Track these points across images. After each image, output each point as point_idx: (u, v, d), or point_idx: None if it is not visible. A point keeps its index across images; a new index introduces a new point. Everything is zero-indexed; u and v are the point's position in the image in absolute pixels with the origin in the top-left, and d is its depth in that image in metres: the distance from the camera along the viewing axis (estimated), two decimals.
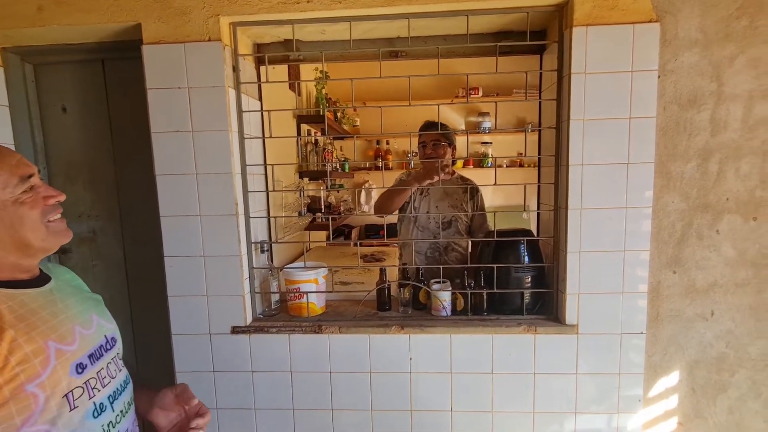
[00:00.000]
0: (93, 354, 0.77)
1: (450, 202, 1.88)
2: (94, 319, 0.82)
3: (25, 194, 0.71)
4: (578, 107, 1.32)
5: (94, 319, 0.82)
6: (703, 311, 1.39)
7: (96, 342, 0.79)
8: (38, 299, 0.73)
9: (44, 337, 0.69)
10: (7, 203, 0.69)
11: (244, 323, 1.48)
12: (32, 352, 0.66)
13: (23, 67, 1.61)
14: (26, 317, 0.69)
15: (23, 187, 0.70)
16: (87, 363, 0.75)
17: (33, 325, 0.69)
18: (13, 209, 0.69)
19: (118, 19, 1.37)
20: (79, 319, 0.78)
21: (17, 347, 0.65)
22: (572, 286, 1.39)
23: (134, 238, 1.72)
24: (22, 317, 0.68)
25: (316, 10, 1.35)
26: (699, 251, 1.37)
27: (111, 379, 0.80)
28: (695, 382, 1.43)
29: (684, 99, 1.32)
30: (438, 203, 1.88)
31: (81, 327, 0.77)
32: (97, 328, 0.81)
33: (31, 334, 0.68)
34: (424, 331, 1.44)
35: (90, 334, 0.79)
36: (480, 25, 1.49)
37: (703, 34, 1.30)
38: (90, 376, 0.75)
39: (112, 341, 0.85)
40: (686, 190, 1.36)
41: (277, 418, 1.51)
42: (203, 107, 1.39)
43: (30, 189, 0.71)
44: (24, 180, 0.71)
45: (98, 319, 0.83)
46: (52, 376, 0.68)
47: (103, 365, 0.79)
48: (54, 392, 0.68)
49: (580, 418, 1.44)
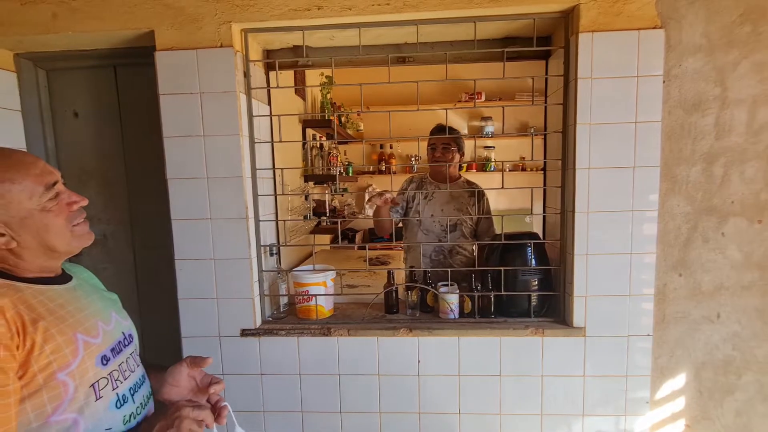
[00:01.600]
0: (114, 348, 0.80)
1: (456, 206, 1.89)
2: (113, 315, 0.85)
3: (50, 202, 0.72)
4: (585, 111, 1.34)
5: (113, 316, 0.85)
6: (710, 314, 1.40)
7: (116, 337, 0.82)
8: (64, 295, 0.76)
9: (73, 329, 0.72)
10: (34, 212, 0.71)
11: (253, 326, 1.49)
12: (63, 342, 0.69)
13: (36, 72, 1.64)
14: (55, 311, 0.72)
15: (48, 195, 0.72)
16: (110, 356, 0.78)
17: (62, 318, 0.72)
18: (40, 217, 0.71)
19: (132, 26, 1.40)
20: (101, 315, 0.81)
21: (50, 337, 0.68)
22: (579, 289, 1.40)
23: (144, 242, 1.73)
24: (52, 311, 0.71)
25: (326, 17, 1.37)
26: (705, 254, 1.38)
27: (131, 372, 0.82)
28: (702, 385, 1.44)
29: (689, 103, 1.34)
30: (444, 207, 1.90)
31: (102, 322, 0.80)
32: (115, 324, 0.84)
33: (61, 326, 0.71)
34: (432, 334, 1.45)
35: (110, 329, 0.81)
36: (487, 32, 1.52)
37: (707, 39, 1.32)
38: (113, 369, 0.77)
39: (129, 337, 0.87)
40: (692, 194, 1.37)
41: (285, 421, 1.52)
42: (214, 112, 1.41)
43: (55, 196, 0.74)
44: (49, 188, 0.72)
45: (116, 316, 0.86)
46: (81, 366, 0.70)
47: (123, 359, 0.81)
48: (82, 381, 0.70)
49: (588, 420, 1.45)
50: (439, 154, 1.82)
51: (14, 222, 0.69)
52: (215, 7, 1.38)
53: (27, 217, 0.70)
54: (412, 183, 1.98)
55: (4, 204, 0.68)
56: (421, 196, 1.93)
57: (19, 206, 0.69)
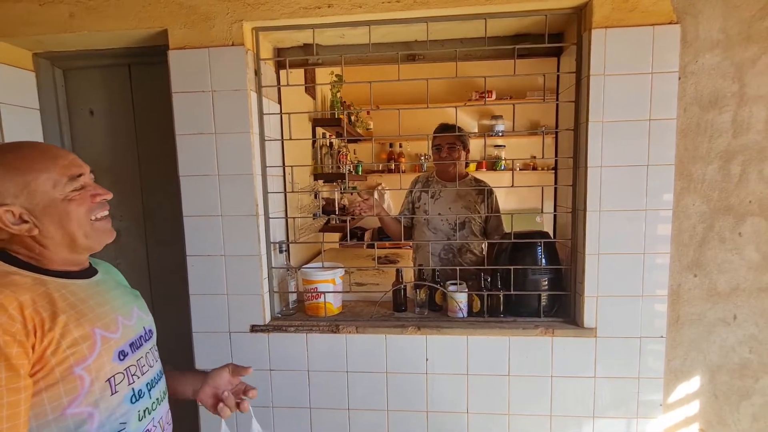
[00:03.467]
0: (133, 343, 0.81)
1: (463, 204, 1.89)
2: (135, 311, 0.86)
3: (73, 192, 0.75)
4: (597, 109, 1.32)
5: (135, 311, 0.86)
6: (725, 315, 1.37)
7: (136, 333, 0.83)
8: (87, 289, 0.78)
9: (91, 324, 0.73)
10: (57, 200, 0.73)
11: (263, 322, 1.50)
12: (81, 337, 0.71)
13: (53, 71, 1.68)
14: (76, 305, 0.73)
15: (72, 186, 0.74)
16: (128, 351, 0.79)
17: (82, 312, 0.73)
18: (62, 206, 0.73)
19: (146, 25, 1.42)
20: (122, 311, 0.82)
21: (68, 332, 0.69)
22: (590, 289, 1.38)
23: (157, 239, 1.76)
24: (72, 305, 0.73)
25: (336, 15, 1.38)
26: (721, 254, 1.35)
27: (149, 368, 0.84)
28: (717, 388, 1.40)
29: (705, 100, 1.31)
30: (451, 205, 1.89)
31: (123, 317, 0.81)
32: (137, 319, 0.86)
33: (80, 320, 0.72)
34: (440, 332, 1.44)
35: (131, 324, 0.83)
36: (497, 29, 1.51)
37: (724, 35, 1.29)
38: (130, 364, 0.79)
39: (150, 333, 0.89)
40: (708, 193, 1.34)
41: (294, 417, 1.53)
42: (226, 110, 1.43)
43: (80, 187, 0.76)
44: (73, 179, 0.75)
45: (138, 311, 0.88)
46: (98, 361, 0.72)
47: (141, 354, 0.83)
48: (98, 376, 0.72)
49: (598, 422, 1.43)
50: (446, 154, 1.82)
51: (38, 210, 0.71)
52: (227, 6, 1.39)
53: (50, 205, 0.72)
54: (417, 183, 1.98)
55: (30, 192, 0.71)
56: (427, 196, 1.92)
57: (44, 195, 0.71)
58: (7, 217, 0.70)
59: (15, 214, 0.70)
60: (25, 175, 0.70)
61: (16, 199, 0.70)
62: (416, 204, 1.96)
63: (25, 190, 0.70)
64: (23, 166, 0.71)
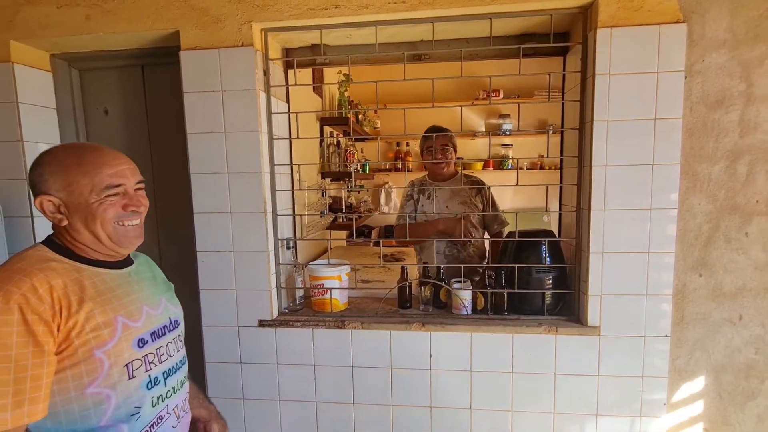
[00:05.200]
0: (155, 332, 0.86)
1: (459, 200, 1.94)
2: (163, 302, 0.92)
3: (108, 197, 0.80)
4: (602, 108, 1.33)
5: (163, 302, 0.91)
6: (731, 315, 1.37)
7: (160, 322, 0.88)
8: (117, 279, 0.84)
9: (115, 311, 0.79)
10: (87, 203, 0.80)
11: (270, 317, 1.53)
12: (103, 322, 0.76)
13: (70, 72, 1.73)
14: (104, 293, 0.80)
15: (107, 193, 0.80)
16: (148, 339, 0.83)
17: (108, 300, 0.79)
18: (91, 208, 0.80)
19: (159, 26, 1.46)
20: (149, 301, 0.88)
21: (92, 317, 0.75)
22: (594, 288, 1.39)
23: (169, 236, 1.80)
24: (100, 292, 0.79)
25: (343, 16, 1.40)
26: (727, 254, 1.35)
27: (169, 357, 0.88)
28: (722, 388, 1.40)
29: (711, 100, 1.31)
30: (447, 203, 1.95)
31: (149, 307, 0.86)
32: (163, 310, 0.90)
33: (105, 307, 0.78)
34: (445, 329, 1.46)
35: (156, 314, 0.88)
36: (503, 28, 1.52)
37: (731, 34, 1.28)
38: (149, 352, 0.83)
39: (175, 323, 0.93)
40: (714, 192, 1.34)
41: (300, 410, 1.56)
42: (235, 109, 1.46)
43: (115, 194, 0.81)
44: (110, 188, 0.81)
45: (166, 302, 0.93)
46: (117, 346, 0.77)
47: (163, 343, 0.87)
48: (117, 360, 0.77)
49: (602, 420, 1.44)
50: (441, 156, 1.88)
51: (72, 206, 0.79)
52: (237, 7, 1.42)
53: (81, 204, 0.79)
54: (414, 186, 2.02)
55: (70, 191, 0.79)
56: (424, 198, 1.98)
57: (79, 196, 0.79)
58: (47, 206, 0.79)
59: (54, 204, 0.79)
60: (70, 176, 0.79)
61: (58, 193, 0.79)
62: (416, 206, 2.01)
63: (67, 188, 0.79)
64: (72, 167, 0.79)
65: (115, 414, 0.76)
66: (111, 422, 0.76)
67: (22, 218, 1.56)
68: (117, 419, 0.77)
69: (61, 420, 0.73)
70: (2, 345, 0.66)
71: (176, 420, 0.89)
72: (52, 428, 0.73)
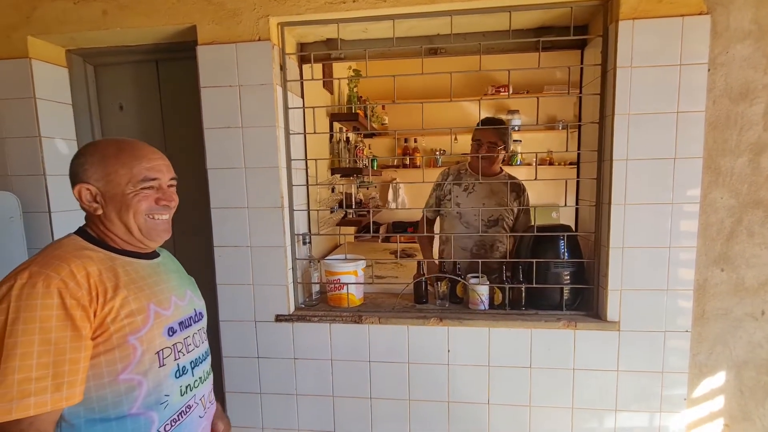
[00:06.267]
0: (183, 322, 0.87)
1: (497, 201, 1.84)
2: (188, 293, 0.93)
3: (143, 190, 0.83)
4: (623, 102, 1.31)
5: (188, 294, 0.93)
6: (753, 311, 1.36)
7: (187, 313, 0.89)
8: (147, 269, 0.86)
9: (147, 299, 0.80)
10: (123, 194, 0.82)
11: (287, 312, 1.54)
12: (137, 309, 0.78)
13: (85, 68, 1.73)
14: (137, 281, 0.81)
15: (142, 185, 0.83)
16: (177, 329, 0.85)
17: (140, 288, 0.81)
18: (127, 198, 0.82)
19: (175, 21, 1.46)
20: (176, 291, 0.89)
21: (126, 303, 0.77)
22: (614, 283, 1.38)
23: (183, 230, 1.79)
24: (133, 280, 0.81)
25: (361, 9, 1.39)
26: (749, 249, 1.34)
27: (195, 347, 0.89)
28: (743, 384, 1.39)
29: (735, 92, 1.29)
30: (485, 201, 1.84)
31: (177, 298, 0.88)
32: (189, 301, 0.92)
33: (138, 295, 0.79)
34: (462, 324, 1.46)
35: (183, 305, 0.89)
36: (520, 22, 1.50)
37: (757, 25, 1.26)
38: (177, 341, 0.84)
39: (200, 315, 0.95)
40: (736, 186, 1.32)
41: (317, 404, 1.56)
42: (252, 104, 1.46)
43: (149, 188, 0.84)
44: (146, 180, 0.83)
45: (191, 294, 0.94)
46: (149, 333, 0.78)
47: (189, 334, 0.88)
48: (149, 347, 0.78)
49: (621, 415, 1.43)
50: (485, 151, 1.76)
51: (108, 195, 0.81)
52: (254, 1, 1.42)
53: (117, 194, 0.81)
54: (449, 176, 1.92)
55: (108, 181, 0.81)
56: (459, 189, 1.87)
57: (116, 187, 0.81)
58: (85, 194, 0.81)
59: (92, 193, 0.81)
60: (110, 167, 0.81)
61: (97, 183, 0.81)
62: (447, 196, 1.89)
63: (105, 178, 0.81)
64: (112, 158, 0.81)
65: (146, 401, 0.77)
66: (141, 409, 0.77)
67: (40, 213, 1.57)
68: (147, 406, 0.78)
69: (93, 406, 0.74)
70: (43, 328, 0.67)
71: (203, 410, 0.90)
72: (84, 415, 0.74)
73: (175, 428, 0.82)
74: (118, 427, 0.75)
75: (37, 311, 0.67)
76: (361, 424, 1.55)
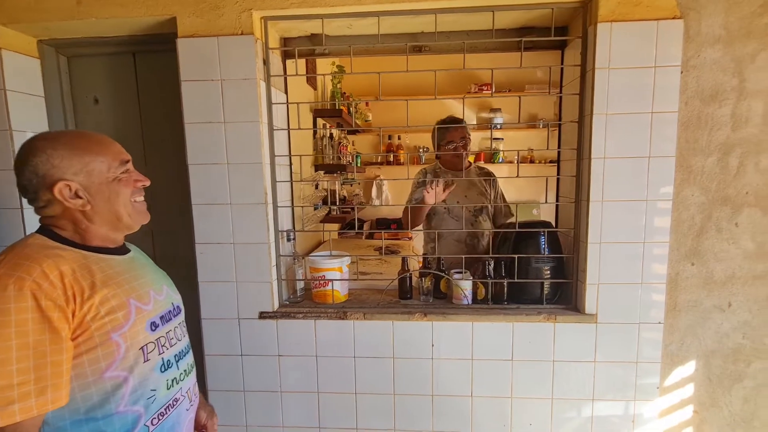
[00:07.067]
0: (164, 316, 0.86)
1: (477, 191, 1.96)
2: (165, 288, 0.92)
3: (122, 174, 0.82)
4: (601, 101, 1.36)
5: (165, 288, 0.92)
6: (721, 303, 1.43)
7: (166, 307, 0.88)
8: (122, 264, 0.84)
9: (127, 295, 0.79)
10: (109, 180, 0.80)
11: (271, 309, 1.52)
12: (117, 306, 0.76)
13: (58, 58, 1.66)
14: (113, 277, 0.79)
15: (122, 169, 0.82)
16: (159, 323, 0.84)
17: (118, 284, 0.79)
18: (113, 186, 0.81)
19: (154, 12, 1.42)
20: (154, 286, 0.88)
21: (106, 300, 0.75)
22: (592, 277, 1.43)
23: (162, 227, 1.76)
24: (110, 276, 0.79)
25: (346, 5, 1.39)
26: (718, 244, 1.40)
27: (178, 341, 0.88)
28: (711, 372, 1.46)
29: (706, 94, 1.35)
30: (467, 193, 1.95)
31: (154, 292, 0.87)
32: (166, 295, 0.91)
33: (117, 291, 0.77)
34: (446, 319, 1.48)
35: (161, 299, 0.88)
36: (503, 22, 1.52)
37: (725, 30, 1.32)
38: (160, 335, 0.83)
39: (178, 309, 0.94)
40: (706, 184, 1.39)
41: (302, 401, 1.56)
42: (235, 99, 1.43)
43: (126, 171, 0.83)
44: (123, 163, 0.84)
45: (167, 288, 0.93)
46: (132, 329, 0.77)
47: (171, 327, 0.87)
48: (132, 343, 0.77)
49: (598, 404, 1.48)
50: (461, 148, 1.86)
51: (93, 187, 0.79)
52: None
53: (103, 183, 0.80)
54: (427, 175, 2.00)
55: (88, 171, 0.79)
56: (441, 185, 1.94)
57: (99, 175, 0.80)
58: (65, 192, 0.77)
59: (72, 189, 0.77)
60: (85, 156, 0.79)
61: (76, 177, 0.78)
62: None
63: (85, 169, 0.78)
64: (83, 148, 0.79)
65: (132, 397, 0.76)
66: (128, 406, 0.76)
67: (12, 210, 1.51)
68: (134, 402, 0.77)
69: (79, 407, 0.73)
70: (19, 332, 0.65)
71: (189, 403, 0.90)
72: (69, 417, 0.72)
73: (163, 421, 0.81)
74: (105, 425, 0.74)
75: (11, 315, 0.65)
76: (347, 419, 1.56)
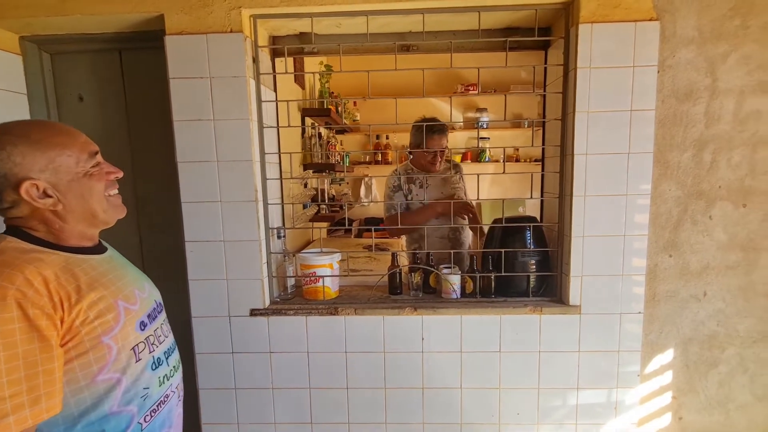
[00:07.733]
0: (150, 314, 0.85)
1: (451, 186, 2.04)
2: (146, 285, 0.91)
3: (93, 168, 0.78)
4: (583, 100, 1.40)
5: (146, 286, 0.90)
6: (697, 292, 1.49)
7: (150, 305, 0.87)
8: (103, 264, 0.81)
9: (114, 296, 0.77)
10: (80, 176, 0.76)
11: (262, 306, 1.53)
12: (106, 308, 0.74)
13: (41, 55, 1.63)
14: (98, 279, 0.76)
15: (91, 162, 0.78)
16: (147, 322, 0.83)
17: (104, 286, 0.76)
18: (84, 181, 0.76)
19: (142, 9, 1.41)
20: (136, 284, 0.86)
21: (94, 304, 0.73)
22: (576, 269, 1.48)
23: (150, 225, 1.75)
24: (95, 278, 0.76)
25: (335, 4, 1.40)
26: (693, 236, 1.47)
27: (165, 338, 0.88)
28: (689, 359, 1.53)
29: (681, 93, 1.41)
30: (442, 189, 2.02)
31: (138, 291, 0.85)
32: (149, 293, 0.89)
33: (104, 293, 0.75)
34: (436, 312, 1.51)
35: (145, 297, 0.87)
36: (489, 22, 1.56)
37: (698, 32, 1.38)
38: (149, 334, 0.83)
39: (160, 306, 0.93)
40: (682, 179, 1.45)
41: (294, 397, 1.57)
42: (224, 97, 1.43)
43: (96, 164, 0.79)
44: (92, 155, 0.78)
45: (148, 286, 0.92)
46: (123, 330, 0.76)
47: (157, 325, 0.87)
48: (124, 345, 0.76)
49: (582, 393, 1.53)
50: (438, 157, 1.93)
51: (62, 184, 0.74)
52: None
53: (73, 180, 0.75)
54: (401, 176, 2.03)
55: (55, 168, 0.73)
56: (415, 186, 2.01)
57: (68, 170, 0.74)
58: (32, 191, 0.71)
59: (39, 188, 0.72)
60: (49, 151, 0.72)
61: (41, 174, 0.71)
62: (408, 196, 2.01)
63: (51, 165, 0.72)
64: (47, 142, 0.72)
65: (125, 397, 0.76)
66: (122, 406, 0.76)
67: None
68: (127, 402, 0.77)
69: (72, 412, 0.72)
70: (7, 344, 0.62)
71: (177, 398, 0.91)
72: (63, 422, 0.72)
73: (155, 418, 0.82)
74: (99, 426, 0.73)
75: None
76: (338, 414, 1.57)
